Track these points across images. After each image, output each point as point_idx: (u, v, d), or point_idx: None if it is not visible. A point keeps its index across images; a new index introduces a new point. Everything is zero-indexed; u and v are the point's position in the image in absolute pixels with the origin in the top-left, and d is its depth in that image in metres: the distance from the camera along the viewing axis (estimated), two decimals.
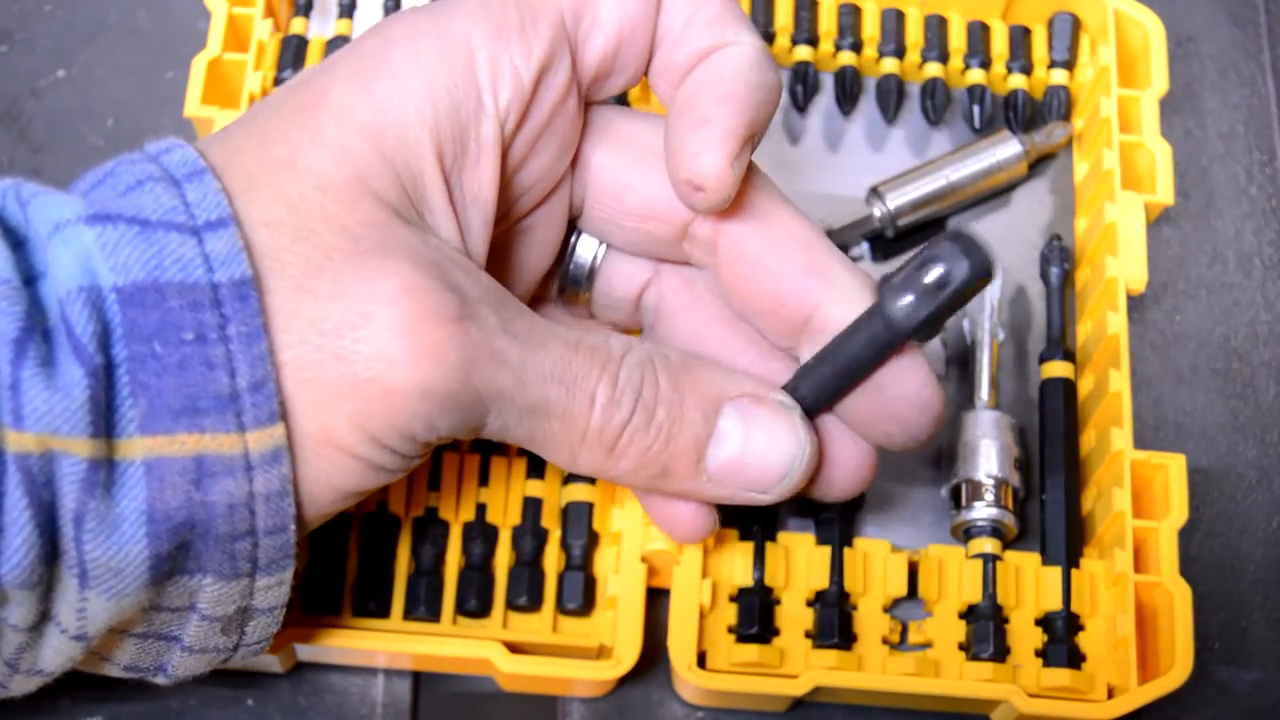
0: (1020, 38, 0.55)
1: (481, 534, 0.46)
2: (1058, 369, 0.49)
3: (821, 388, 0.39)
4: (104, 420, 0.31)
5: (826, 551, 0.46)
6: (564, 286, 0.43)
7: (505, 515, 0.47)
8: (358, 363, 0.33)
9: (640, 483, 0.38)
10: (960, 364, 0.51)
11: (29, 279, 0.32)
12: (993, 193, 0.54)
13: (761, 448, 0.37)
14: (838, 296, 0.39)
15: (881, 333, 0.36)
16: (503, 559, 0.46)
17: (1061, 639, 0.46)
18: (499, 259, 0.40)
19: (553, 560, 0.46)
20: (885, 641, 0.46)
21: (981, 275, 0.34)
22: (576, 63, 0.38)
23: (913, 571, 0.47)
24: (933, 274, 0.35)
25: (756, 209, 0.39)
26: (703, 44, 0.38)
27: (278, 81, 0.51)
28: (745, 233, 0.39)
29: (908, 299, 0.35)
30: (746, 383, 0.38)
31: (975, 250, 0.34)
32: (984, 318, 0.50)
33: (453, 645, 0.44)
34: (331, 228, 0.34)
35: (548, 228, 0.40)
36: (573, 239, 0.42)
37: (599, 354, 0.36)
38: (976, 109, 0.55)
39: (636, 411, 0.36)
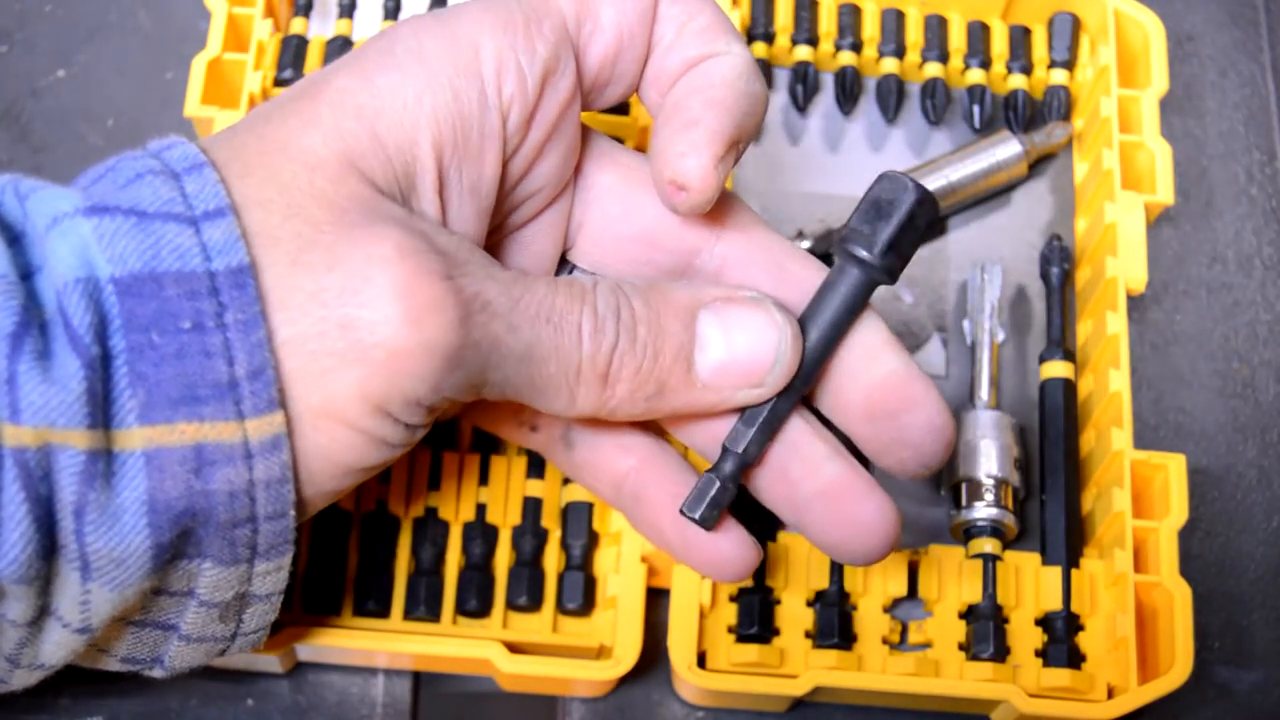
0: (1020, 38, 0.55)
1: (481, 534, 0.46)
2: (1058, 369, 0.49)
3: (805, 352, 0.39)
4: (101, 411, 0.31)
5: None
6: None
7: (505, 515, 0.47)
8: (363, 328, 0.33)
9: (639, 408, 0.38)
10: (960, 364, 0.51)
11: (26, 274, 0.33)
12: (993, 193, 0.54)
13: (745, 341, 0.38)
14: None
15: (856, 278, 0.38)
16: (503, 559, 0.46)
17: (1061, 639, 0.46)
18: None
19: (553, 560, 0.46)
20: (885, 641, 0.46)
21: (925, 194, 0.37)
22: (580, 68, 0.38)
23: (913, 571, 0.47)
24: (885, 200, 0.37)
25: (761, 243, 0.40)
26: (694, 52, 0.38)
27: (278, 81, 0.51)
28: (756, 271, 0.40)
29: (869, 235, 0.37)
30: (715, 289, 0.38)
31: (909, 177, 0.38)
32: (984, 318, 0.50)
33: (453, 645, 0.44)
34: (319, 203, 0.34)
35: (544, 243, 0.40)
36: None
37: (575, 288, 0.36)
38: (976, 109, 0.55)
39: (620, 334, 0.36)
